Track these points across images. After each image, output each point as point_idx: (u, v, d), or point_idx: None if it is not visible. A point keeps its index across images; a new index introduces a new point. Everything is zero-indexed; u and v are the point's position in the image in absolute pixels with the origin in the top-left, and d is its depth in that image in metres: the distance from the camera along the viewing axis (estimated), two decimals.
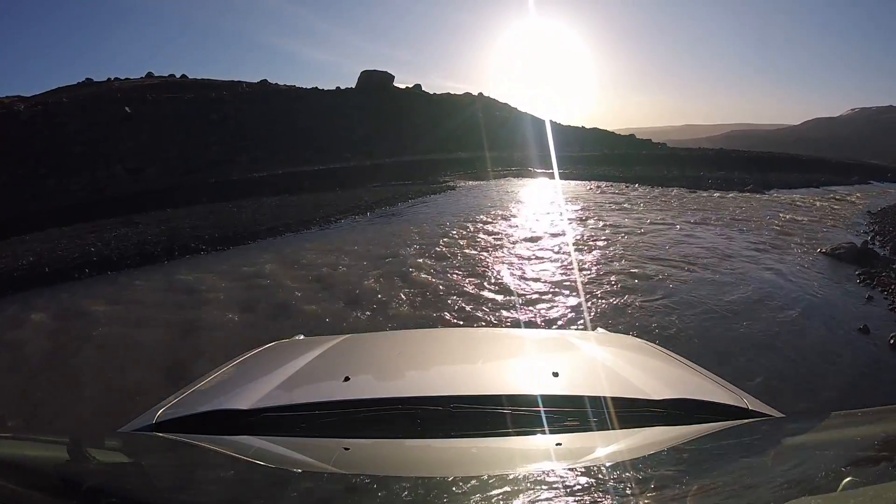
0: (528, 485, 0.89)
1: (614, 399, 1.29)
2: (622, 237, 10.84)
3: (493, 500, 0.81)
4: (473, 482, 0.89)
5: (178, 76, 63.38)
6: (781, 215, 14.35)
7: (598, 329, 3.10)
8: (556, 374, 1.47)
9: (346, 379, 1.43)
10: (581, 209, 15.14)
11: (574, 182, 24.40)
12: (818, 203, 17.97)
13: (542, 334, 3.16)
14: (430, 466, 1.12)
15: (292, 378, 1.54)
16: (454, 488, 0.88)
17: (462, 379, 1.56)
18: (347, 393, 1.36)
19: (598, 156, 39.69)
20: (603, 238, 10.76)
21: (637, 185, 22.70)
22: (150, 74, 63.61)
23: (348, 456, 1.12)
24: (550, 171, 30.08)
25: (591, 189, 21.05)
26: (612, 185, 22.46)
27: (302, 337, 2.40)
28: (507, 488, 0.87)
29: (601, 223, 12.56)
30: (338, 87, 61.63)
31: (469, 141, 48.53)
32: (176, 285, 8.25)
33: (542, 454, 1.17)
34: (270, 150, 45.04)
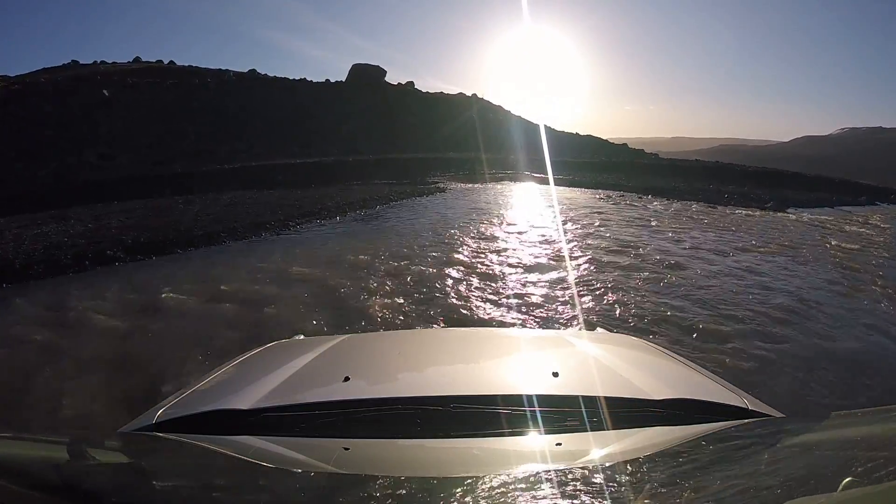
0: (528, 485, 0.88)
1: (614, 399, 1.28)
2: (675, 277, 7.74)
3: (493, 500, 0.81)
4: (473, 482, 0.90)
5: (166, 63, 61.04)
6: (824, 241, 12.00)
7: (598, 329, 2.98)
8: (555, 375, 1.45)
9: (346, 379, 1.42)
10: (605, 225, 12.40)
11: (580, 190, 21.93)
12: (847, 227, 15.71)
13: (541, 334, 3.01)
14: (430, 466, 1.12)
15: (292, 378, 1.53)
16: (454, 488, 0.87)
17: (462, 379, 1.54)
18: (347, 393, 1.35)
19: (599, 163, 37.29)
20: (659, 280, 7.48)
21: (651, 196, 20.27)
22: (137, 59, 61.49)
23: (348, 456, 1.12)
24: (547, 175, 27.75)
25: (602, 199, 18.67)
26: (624, 196, 19.92)
27: (302, 337, 2.44)
28: (507, 488, 0.87)
29: (642, 251, 9.43)
30: (327, 80, 59.18)
31: (462, 141, 46.42)
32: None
33: (542, 454, 1.15)
34: (251, 142, 42.86)
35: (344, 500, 0.88)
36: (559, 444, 1.16)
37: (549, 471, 0.98)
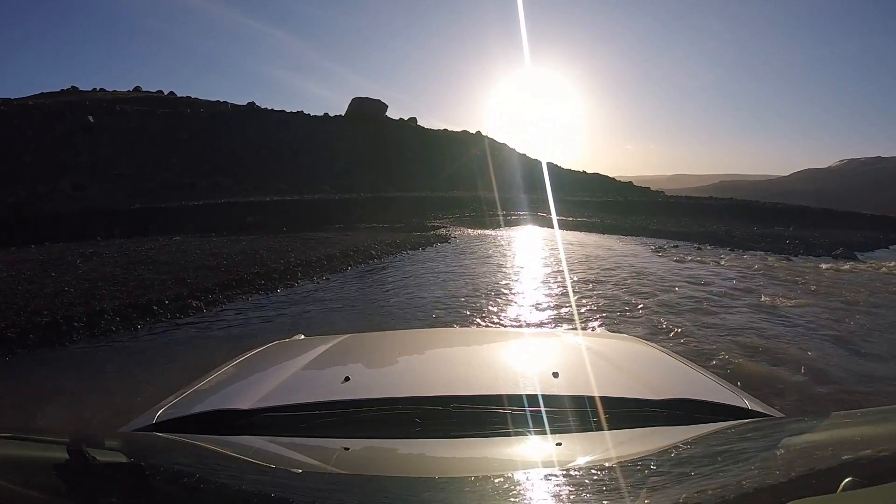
0: (529, 485, 0.87)
1: (614, 399, 1.28)
2: None
3: (493, 500, 0.80)
4: (473, 482, 0.90)
5: (165, 93, 58.77)
6: None
7: (598, 329, 2.85)
8: (556, 375, 1.43)
9: (347, 379, 1.41)
10: (699, 308, 7.59)
11: (617, 238, 17.24)
12: None
13: (542, 334, 3.00)
14: (430, 466, 1.11)
15: (292, 378, 1.52)
16: (454, 488, 0.88)
17: (462, 379, 1.50)
18: (347, 393, 1.34)
19: (617, 202, 32.89)
20: None
21: (709, 245, 15.81)
22: (137, 88, 59.11)
23: (348, 456, 1.11)
24: (568, 217, 23.31)
25: (657, 253, 13.63)
26: (679, 248, 14.97)
27: (302, 337, 2.36)
28: (507, 488, 0.86)
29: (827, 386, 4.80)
30: (325, 114, 55.87)
31: (467, 179, 42.59)
32: None
33: (543, 454, 1.15)
34: (238, 176, 39.16)
35: (344, 500, 0.87)
36: (559, 444, 1.15)
37: (550, 471, 0.98)
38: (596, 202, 31.22)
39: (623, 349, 1.97)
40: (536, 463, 1.09)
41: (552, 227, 20.09)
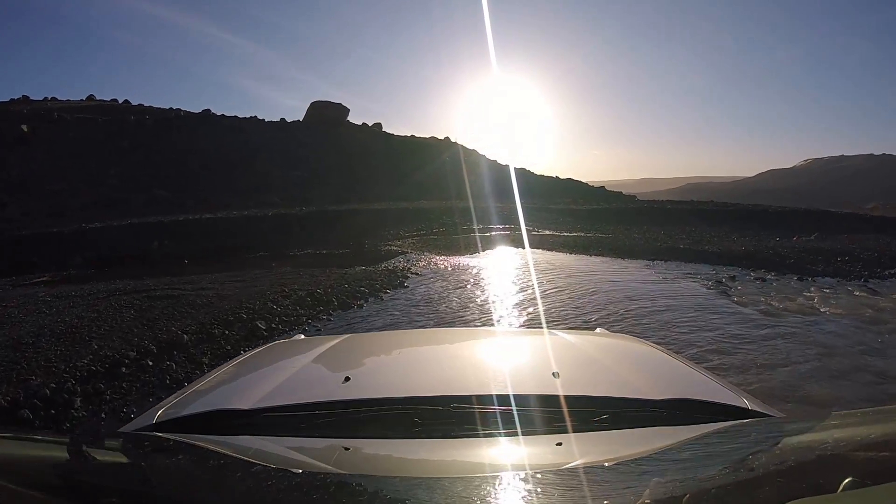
0: (529, 485, 0.86)
1: (614, 399, 1.27)
2: None
3: (493, 500, 0.79)
4: (473, 482, 0.88)
5: (120, 101, 54.99)
6: None
7: (598, 329, 2.87)
8: (556, 375, 1.41)
9: (347, 379, 1.39)
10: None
11: (642, 265, 12.45)
12: None
13: (542, 335, 2.74)
14: (429, 466, 1.09)
15: (292, 378, 1.50)
16: (454, 488, 0.86)
17: (462, 379, 1.50)
18: (347, 393, 1.32)
19: (605, 211, 28.50)
20: None
21: (770, 274, 11.37)
22: (91, 97, 55.52)
23: (348, 456, 1.11)
24: (560, 232, 18.97)
25: (717, 292, 9.19)
26: (736, 278, 10.57)
27: (302, 337, 2.41)
28: (507, 488, 0.84)
29: None
30: (282, 119, 51.22)
31: (436, 187, 38.39)
32: None
33: (543, 454, 1.14)
34: (179, 189, 34.57)
35: (344, 500, 0.86)
36: (559, 444, 1.14)
37: (550, 471, 0.96)
38: (585, 211, 26.93)
39: (623, 349, 1.95)
40: (536, 463, 1.07)
41: (543, 248, 15.11)
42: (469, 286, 9.59)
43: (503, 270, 11.56)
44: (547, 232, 18.90)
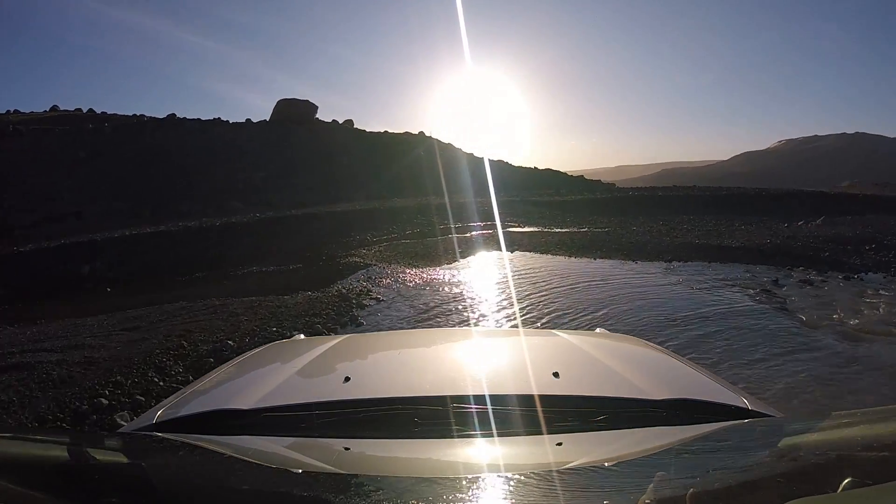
0: (529, 484, 0.85)
1: (614, 399, 1.25)
2: None
3: (493, 500, 0.78)
4: (473, 482, 0.87)
5: (84, 111, 52.73)
6: None
7: (598, 329, 2.80)
8: (556, 375, 1.40)
9: (347, 379, 1.37)
10: None
11: (645, 268, 10.27)
12: None
13: (542, 334, 2.90)
14: (429, 466, 1.07)
15: (292, 378, 1.49)
16: (454, 488, 0.84)
17: (461, 379, 1.48)
18: (347, 393, 1.31)
19: (589, 201, 26.45)
20: None
21: (812, 272, 9.57)
22: (55, 108, 53.40)
23: (348, 456, 1.10)
24: (550, 228, 16.89)
25: (756, 300, 7.52)
26: (784, 281, 8.75)
27: (302, 337, 2.36)
28: (507, 488, 0.84)
29: None
30: (248, 120, 48.51)
31: (411, 183, 36.38)
32: None
33: (543, 454, 1.12)
34: (138, 198, 32.19)
35: (344, 500, 0.84)
36: (559, 444, 1.13)
37: (550, 471, 0.95)
38: (571, 203, 24.74)
39: (623, 349, 1.92)
40: (536, 463, 1.06)
41: (543, 250, 12.64)
42: (443, 317, 7.25)
43: (490, 286, 9.24)
44: (534, 229, 16.71)
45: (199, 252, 14.05)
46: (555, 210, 22.24)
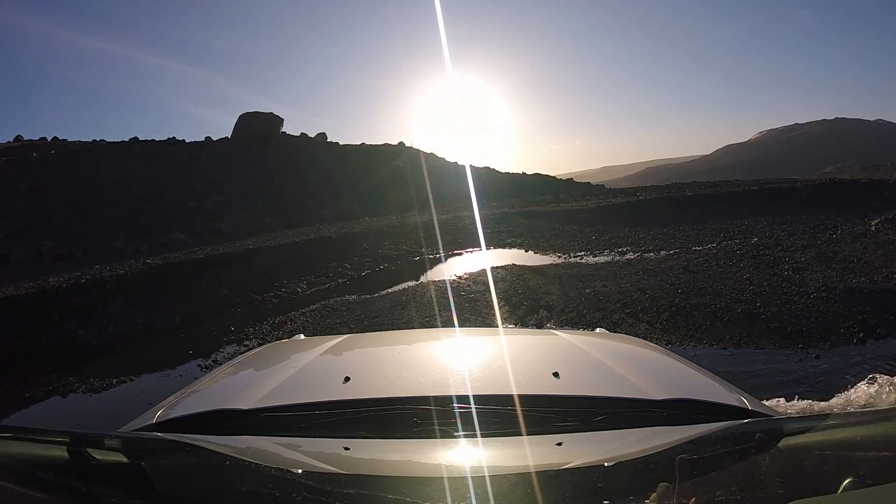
0: (529, 484, 0.85)
1: (614, 399, 1.24)
2: None
3: (493, 500, 0.78)
4: (473, 482, 0.87)
5: (49, 139, 48.36)
6: None
7: (599, 329, 2.80)
8: (556, 375, 1.38)
9: (347, 379, 1.36)
10: None
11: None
12: None
13: (542, 334, 2.83)
14: (430, 466, 1.07)
15: (292, 378, 1.48)
16: (454, 488, 0.84)
17: (462, 379, 1.44)
18: (347, 393, 1.29)
19: (600, 209, 21.34)
20: None
21: None
22: (18, 137, 49.29)
23: (348, 456, 1.09)
24: (568, 252, 11.93)
25: None
26: None
27: (302, 337, 2.33)
28: (507, 488, 0.84)
29: None
30: (207, 138, 43.72)
31: (387, 199, 31.61)
32: None
33: (543, 454, 1.12)
34: (71, 236, 27.25)
35: (344, 500, 0.84)
36: (559, 444, 1.13)
37: (550, 471, 0.94)
38: (580, 212, 19.12)
39: (623, 349, 1.91)
40: (537, 462, 1.06)
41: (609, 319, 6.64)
42: None
43: None
44: (552, 259, 11.54)
45: (84, 312, 9.11)
46: (563, 222, 17.12)
